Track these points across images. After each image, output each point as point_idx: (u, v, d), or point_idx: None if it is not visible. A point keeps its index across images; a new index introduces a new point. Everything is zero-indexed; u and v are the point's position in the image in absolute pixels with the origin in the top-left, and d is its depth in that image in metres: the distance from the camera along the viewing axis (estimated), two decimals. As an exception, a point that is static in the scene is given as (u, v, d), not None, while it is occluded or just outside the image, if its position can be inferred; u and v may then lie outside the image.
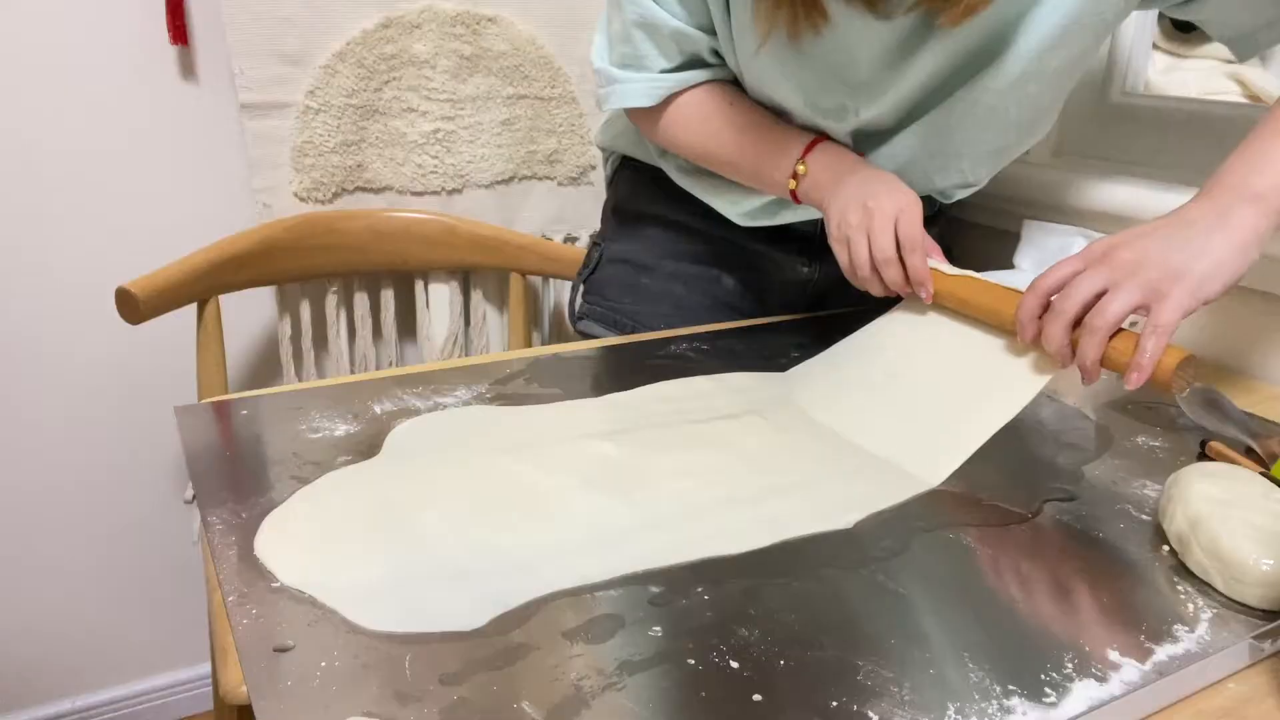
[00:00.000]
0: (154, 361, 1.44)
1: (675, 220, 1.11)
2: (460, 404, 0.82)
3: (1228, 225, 0.71)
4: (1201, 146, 1.11)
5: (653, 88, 0.97)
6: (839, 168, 0.91)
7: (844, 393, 0.84)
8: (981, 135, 0.94)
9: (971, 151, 0.96)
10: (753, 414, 0.82)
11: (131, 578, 1.53)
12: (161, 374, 1.45)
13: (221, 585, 0.56)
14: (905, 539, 0.63)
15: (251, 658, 0.49)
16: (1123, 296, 0.69)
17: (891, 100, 0.91)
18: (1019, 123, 0.94)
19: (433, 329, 1.53)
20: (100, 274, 1.36)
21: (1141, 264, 0.70)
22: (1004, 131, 0.94)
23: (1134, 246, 0.71)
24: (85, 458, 1.44)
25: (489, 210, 1.51)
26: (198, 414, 0.79)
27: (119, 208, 1.36)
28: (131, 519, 1.50)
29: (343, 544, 0.60)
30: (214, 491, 0.66)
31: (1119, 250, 0.71)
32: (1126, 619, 0.56)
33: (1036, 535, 0.65)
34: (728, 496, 0.68)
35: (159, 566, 1.54)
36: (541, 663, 0.50)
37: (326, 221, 1.39)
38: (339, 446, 0.73)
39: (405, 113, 1.42)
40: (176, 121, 1.36)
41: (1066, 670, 0.51)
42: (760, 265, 1.10)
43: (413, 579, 0.57)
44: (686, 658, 0.51)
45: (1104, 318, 0.69)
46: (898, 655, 0.52)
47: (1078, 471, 0.75)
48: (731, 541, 0.62)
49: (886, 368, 0.84)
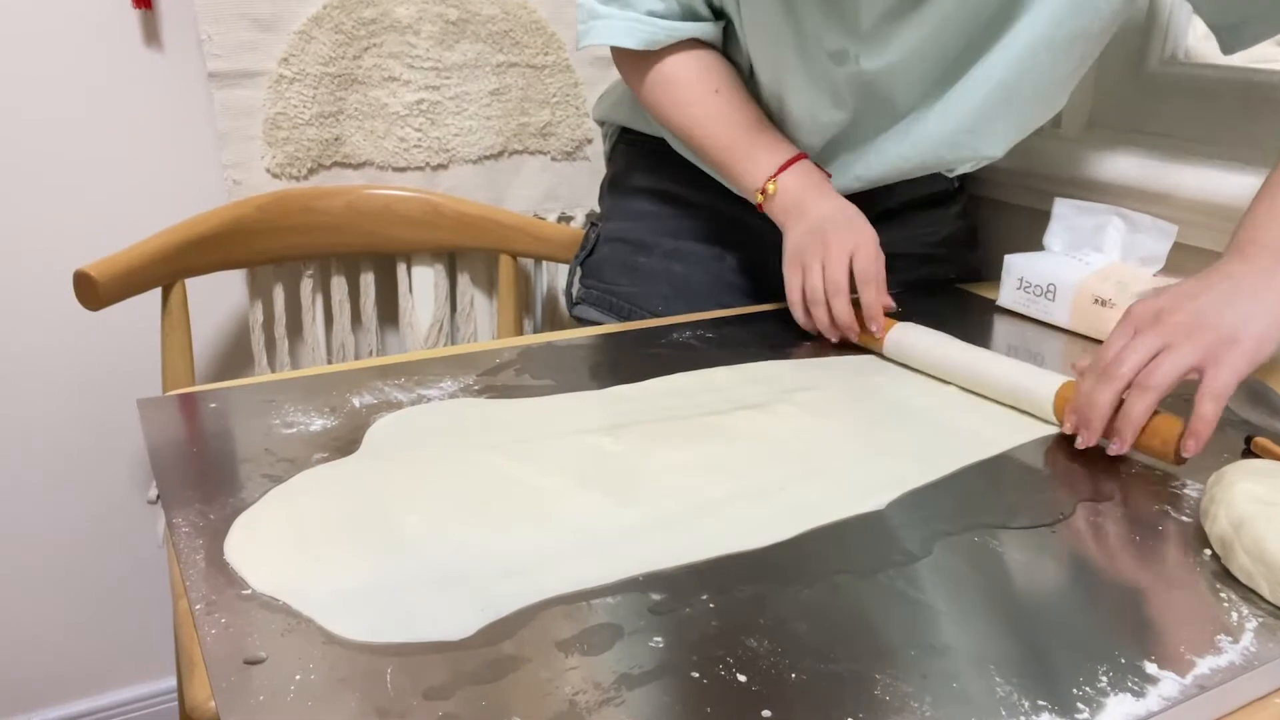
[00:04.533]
0: (115, 351, 1.44)
1: (673, 193, 1.12)
2: (446, 397, 0.82)
3: (1274, 287, 0.73)
4: (1247, 119, 1.10)
5: (636, 27, 0.97)
6: (806, 195, 0.97)
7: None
8: (993, 108, 0.95)
9: (984, 126, 0.97)
10: (785, 403, 0.82)
11: (89, 584, 1.53)
12: (123, 364, 1.44)
13: (188, 592, 0.55)
14: (927, 542, 0.63)
15: (220, 671, 0.49)
16: (1178, 358, 0.70)
17: (896, 53, 0.92)
18: (1033, 95, 0.95)
19: (416, 315, 1.53)
20: (56, 256, 1.36)
21: (1196, 327, 0.71)
22: (1017, 104, 0.96)
23: (1185, 309, 0.73)
24: (40, 455, 1.44)
25: (477, 187, 1.51)
26: (162, 407, 0.79)
27: (76, 185, 1.35)
28: (90, 521, 1.50)
29: (319, 547, 0.60)
30: (180, 491, 0.66)
31: (1170, 314, 0.73)
32: (1165, 628, 0.56)
33: (1068, 538, 0.65)
34: (746, 488, 0.69)
35: (119, 572, 1.54)
36: (534, 676, 0.50)
37: (301, 199, 1.38)
38: (315, 442, 0.73)
39: (386, 82, 1.41)
40: (139, 91, 1.35)
41: (1100, 684, 0.51)
42: (761, 240, 1.11)
43: (395, 585, 0.57)
44: (690, 670, 0.51)
45: (1159, 377, 0.70)
46: (918, 668, 0.51)
47: (1113, 470, 0.74)
48: (750, 535, 0.63)
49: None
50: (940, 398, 0.85)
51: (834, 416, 0.81)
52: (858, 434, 0.78)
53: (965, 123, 0.98)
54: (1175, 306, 0.73)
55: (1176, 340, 0.71)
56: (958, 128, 0.98)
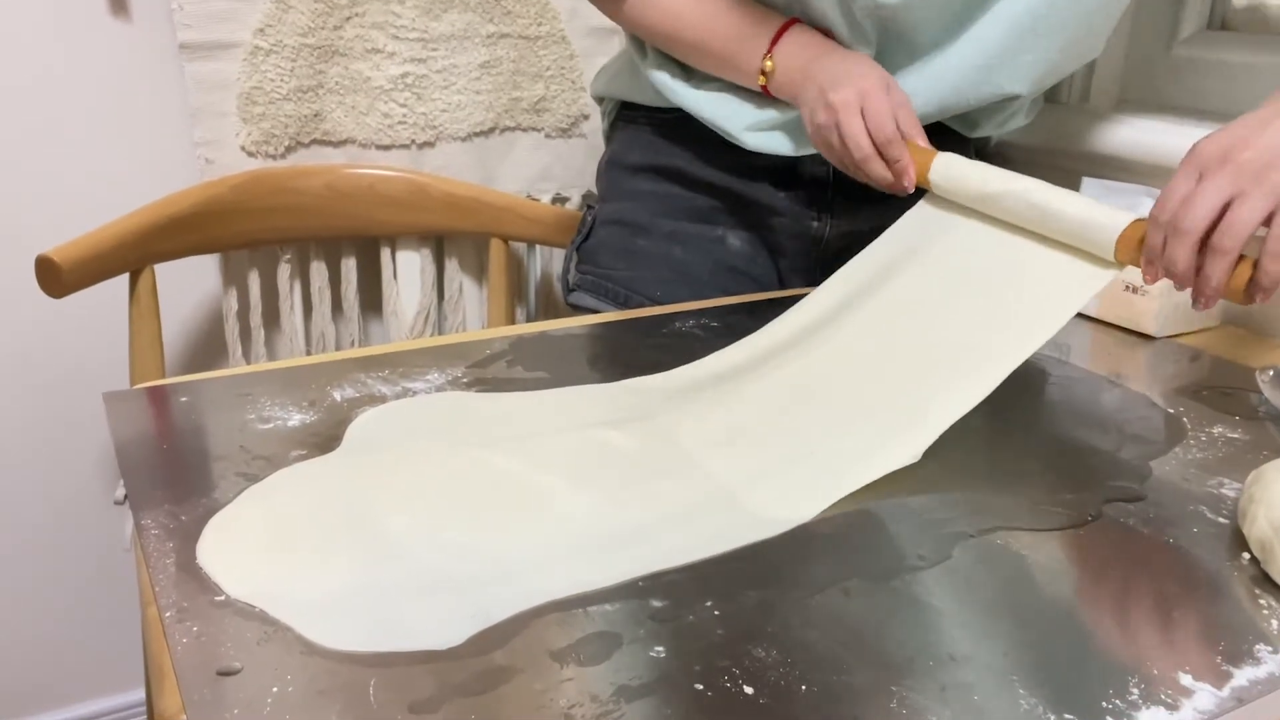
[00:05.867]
0: (79, 341, 1.43)
1: (673, 169, 1.12)
2: (432, 390, 0.82)
3: None
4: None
5: None
6: (804, 59, 0.97)
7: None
8: (1018, 40, 0.97)
9: (1008, 61, 0.97)
10: (805, 358, 0.83)
11: (51, 591, 1.53)
12: (88, 356, 1.44)
13: (157, 599, 0.55)
14: (945, 545, 0.63)
15: (192, 683, 0.49)
16: (1250, 211, 0.69)
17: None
18: (1061, 28, 0.97)
19: (401, 303, 1.53)
20: (16, 240, 1.35)
21: (1267, 167, 0.69)
22: (1044, 37, 0.97)
23: (1257, 144, 0.70)
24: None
25: (466, 166, 1.51)
26: (130, 401, 0.79)
27: (38, 164, 1.35)
28: (52, 523, 1.50)
29: (298, 551, 0.60)
30: (148, 491, 0.66)
31: (1239, 150, 0.71)
32: (1200, 637, 0.56)
33: (1096, 541, 0.65)
34: (765, 466, 0.69)
35: (84, 577, 1.54)
36: (526, 688, 0.50)
37: (278, 179, 1.38)
38: (293, 439, 0.73)
39: (369, 54, 1.41)
40: (105, 63, 1.35)
41: (1132, 696, 0.51)
42: (766, 220, 1.11)
43: (378, 590, 0.57)
44: (694, 682, 0.51)
45: (1233, 236, 0.69)
46: (936, 679, 0.51)
47: (1144, 468, 0.74)
48: (762, 526, 0.63)
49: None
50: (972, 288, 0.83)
51: (858, 357, 0.81)
52: (887, 358, 0.78)
53: (988, 58, 0.98)
54: (1245, 140, 0.71)
55: (1247, 186, 0.69)
56: (980, 63, 0.99)
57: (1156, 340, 0.99)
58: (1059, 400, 0.85)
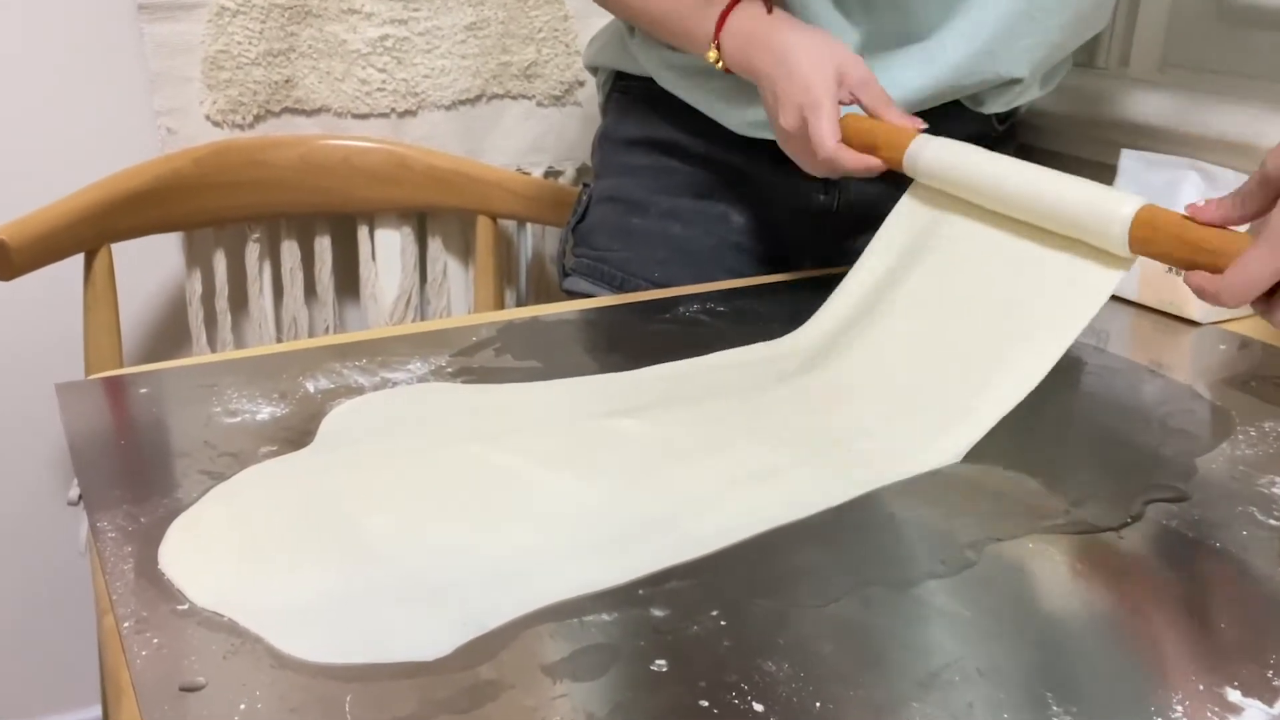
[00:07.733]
0: (29, 327, 1.43)
1: (669, 141, 1.12)
2: (414, 380, 0.82)
3: None
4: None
5: None
6: (750, 47, 0.95)
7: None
8: (1015, 23, 0.97)
9: (1004, 46, 0.98)
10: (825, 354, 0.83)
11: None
12: (39, 343, 1.44)
13: (114, 607, 0.55)
14: (970, 550, 0.63)
15: (152, 699, 0.49)
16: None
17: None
18: (1062, 20, 0.98)
19: (380, 286, 1.53)
20: (-38, 217, 1.35)
21: None
22: (1041, 18, 0.98)
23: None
24: (-54, 447, 1.44)
25: (450, 137, 1.51)
26: (84, 393, 0.79)
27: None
28: (0, 524, 1.50)
29: (268, 555, 0.60)
30: (105, 490, 0.66)
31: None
32: (1250, 649, 0.56)
33: (1136, 544, 0.65)
34: (782, 462, 0.70)
35: (35, 584, 1.54)
36: (517, 704, 0.50)
37: (246, 151, 1.38)
38: (262, 434, 0.73)
39: (345, 14, 1.41)
40: (58, 26, 1.35)
41: (1175, 714, 0.51)
42: (769, 194, 1.11)
43: (356, 597, 0.57)
44: (698, 699, 0.51)
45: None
46: (963, 695, 0.51)
47: (1189, 465, 0.74)
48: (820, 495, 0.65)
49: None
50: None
51: (887, 361, 0.81)
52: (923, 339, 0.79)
53: (985, 42, 0.99)
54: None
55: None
56: (977, 48, 0.99)
57: (1201, 326, 0.99)
58: (1096, 392, 0.85)
